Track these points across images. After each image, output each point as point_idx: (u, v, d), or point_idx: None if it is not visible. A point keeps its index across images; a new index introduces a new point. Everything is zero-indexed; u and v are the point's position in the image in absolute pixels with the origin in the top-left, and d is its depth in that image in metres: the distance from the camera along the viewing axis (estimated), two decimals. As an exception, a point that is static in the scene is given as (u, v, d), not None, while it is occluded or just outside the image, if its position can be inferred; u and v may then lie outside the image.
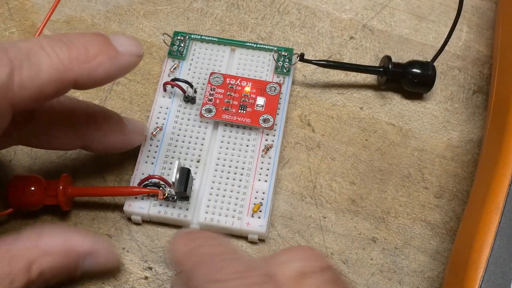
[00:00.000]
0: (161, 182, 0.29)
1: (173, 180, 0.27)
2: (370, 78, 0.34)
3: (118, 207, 0.30)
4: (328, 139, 0.32)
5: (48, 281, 0.25)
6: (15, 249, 0.23)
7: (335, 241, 0.30)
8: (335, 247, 0.29)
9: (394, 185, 0.31)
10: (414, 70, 0.33)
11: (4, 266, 0.23)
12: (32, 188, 0.28)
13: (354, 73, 0.34)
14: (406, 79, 0.33)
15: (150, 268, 0.28)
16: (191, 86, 0.32)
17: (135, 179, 0.30)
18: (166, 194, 0.28)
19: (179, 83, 0.32)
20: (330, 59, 0.34)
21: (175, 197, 0.28)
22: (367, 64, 0.34)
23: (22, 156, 0.31)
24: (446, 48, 0.35)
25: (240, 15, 0.36)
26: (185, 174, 0.28)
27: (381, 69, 0.33)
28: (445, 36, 0.32)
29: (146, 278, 0.28)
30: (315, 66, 0.34)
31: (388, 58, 0.33)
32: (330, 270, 0.21)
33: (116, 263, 0.28)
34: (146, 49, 0.35)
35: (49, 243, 0.24)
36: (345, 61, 0.35)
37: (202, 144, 0.31)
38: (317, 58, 0.35)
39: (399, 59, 0.35)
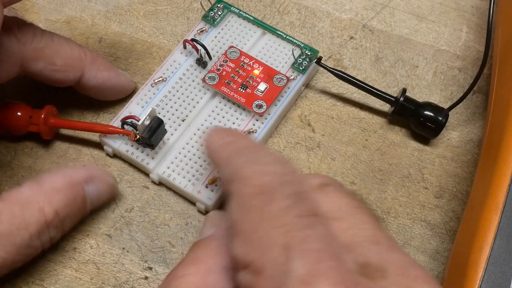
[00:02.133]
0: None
1: (139, 123, 0.29)
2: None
3: (119, 208, 0.30)
4: (328, 139, 0.32)
5: (64, 221, 0.26)
6: (23, 197, 0.25)
7: (335, 241, 0.30)
8: (335, 247, 0.29)
9: (394, 185, 0.31)
10: (425, 112, 0.31)
11: (16, 213, 0.25)
12: (18, 114, 0.30)
13: (355, 73, 0.34)
14: (415, 118, 0.32)
15: (150, 268, 0.28)
16: (207, 51, 0.32)
17: (121, 115, 0.31)
18: (138, 137, 0.29)
19: (197, 45, 0.32)
20: (346, 72, 0.33)
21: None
22: (381, 90, 0.32)
23: (23, 156, 0.31)
24: (446, 48, 0.35)
25: (240, 15, 0.36)
26: (157, 124, 0.29)
27: (393, 99, 0.32)
28: (445, 37, 0.32)
29: (146, 278, 0.28)
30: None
31: (403, 91, 0.32)
32: (345, 187, 0.22)
33: (114, 184, 0.29)
34: (146, 49, 0.35)
35: (52, 184, 0.26)
36: (345, 61, 0.35)
37: (194, 107, 0.32)
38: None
39: (399, 59, 0.35)
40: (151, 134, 0.29)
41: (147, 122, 0.29)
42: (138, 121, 0.30)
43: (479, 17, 0.37)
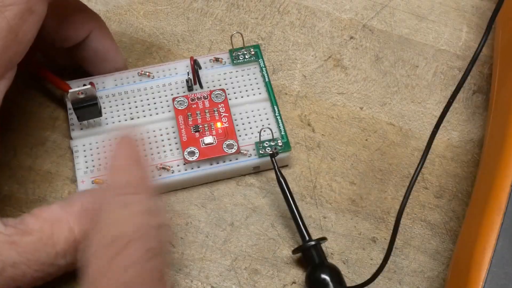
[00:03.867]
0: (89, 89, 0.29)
1: (70, 91, 0.28)
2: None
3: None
4: (328, 139, 0.32)
5: None
6: (54, 215, 0.25)
7: (335, 241, 0.30)
8: (335, 247, 0.29)
9: (394, 185, 0.31)
10: (322, 274, 0.27)
11: (45, 229, 0.24)
12: None
13: (355, 73, 0.34)
14: (310, 271, 0.28)
15: (151, 268, 0.28)
16: (199, 80, 0.32)
17: (91, 79, 0.31)
18: (74, 96, 0.29)
19: (196, 71, 0.32)
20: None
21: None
22: (304, 222, 0.29)
23: (22, 156, 0.31)
24: (446, 48, 0.35)
25: (240, 15, 0.36)
26: (91, 103, 0.29)
27: (306, 239, 0.28)
28: (445, 36, 0.32)
29: (146, 278, 0.28)
30: (315, 66, 0.34)
31: (322, 238, 0.28)
32: None
33: None
34: (146, 49, 0.35)
35: (82, 204, 0.26)
36: (345, 61, 0.35)
37: (151, 115, 0.31)
38: (317, 59, 0.35)
39: (399, 59, 0.35)
40: (79, 107, 0.29)
41: (81, 96, 0.29)
42: (91, 85, 0.29)
43: (479, 17, 0.37)
